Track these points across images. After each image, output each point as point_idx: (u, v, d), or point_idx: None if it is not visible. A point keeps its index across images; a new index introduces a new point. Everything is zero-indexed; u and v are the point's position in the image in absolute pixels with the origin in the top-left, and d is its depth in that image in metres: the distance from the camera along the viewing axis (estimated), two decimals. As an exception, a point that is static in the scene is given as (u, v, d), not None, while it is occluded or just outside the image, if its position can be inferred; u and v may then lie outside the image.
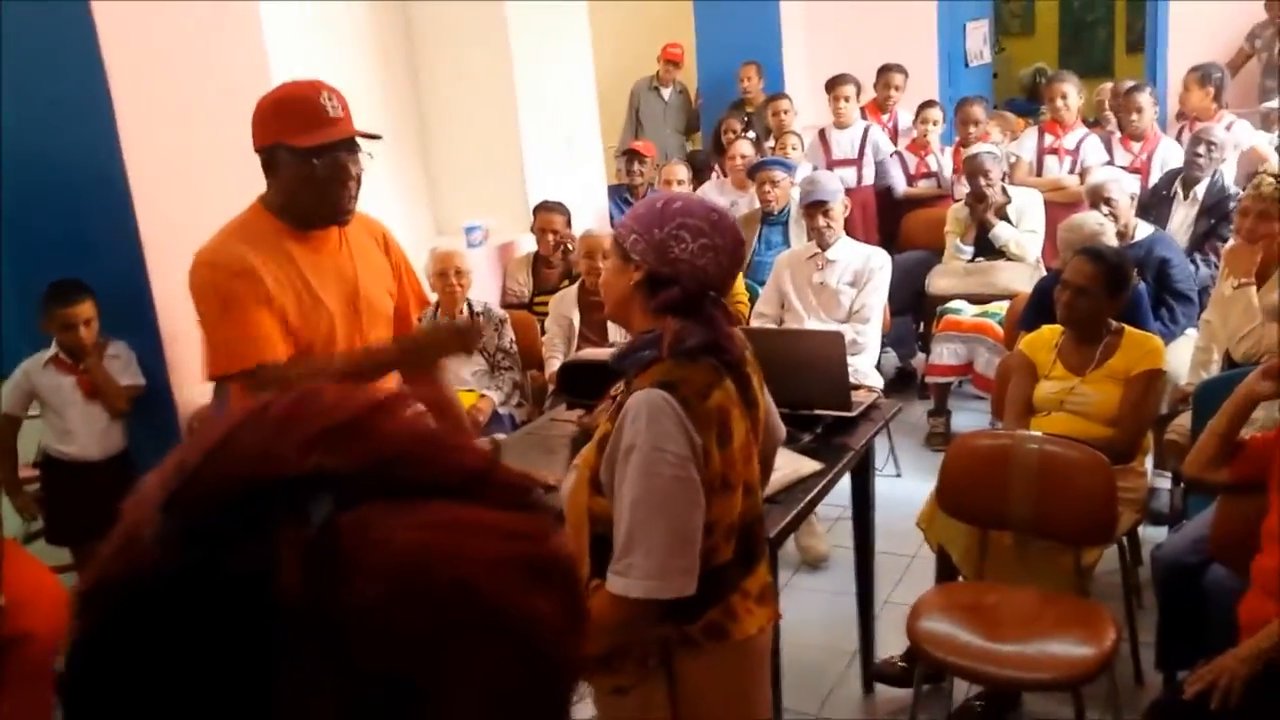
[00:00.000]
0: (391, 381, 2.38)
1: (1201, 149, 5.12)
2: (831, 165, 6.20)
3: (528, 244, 5.31)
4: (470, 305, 4.43)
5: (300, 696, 0.46)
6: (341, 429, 0.52)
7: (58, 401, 3.45)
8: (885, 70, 6.86)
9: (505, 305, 4.97)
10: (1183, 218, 5.16)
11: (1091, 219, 4.29)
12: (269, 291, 2.19)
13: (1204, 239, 5.03)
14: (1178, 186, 5.25)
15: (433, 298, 3.98)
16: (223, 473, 0.50)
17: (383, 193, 4.37)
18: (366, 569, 0.47)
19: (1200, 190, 5.12)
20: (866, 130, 6.40)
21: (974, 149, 5.38)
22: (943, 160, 6.28)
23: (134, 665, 0.48)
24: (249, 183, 2.29)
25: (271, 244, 2.23)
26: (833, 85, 6.44)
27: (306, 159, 2.16)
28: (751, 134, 6.45)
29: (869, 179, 6.34)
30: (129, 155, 3.33)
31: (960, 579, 3.19)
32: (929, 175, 6.31)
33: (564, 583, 0.55)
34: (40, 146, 3.41)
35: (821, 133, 6.50)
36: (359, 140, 2.23)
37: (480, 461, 0.55)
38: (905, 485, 4.37)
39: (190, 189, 3.44)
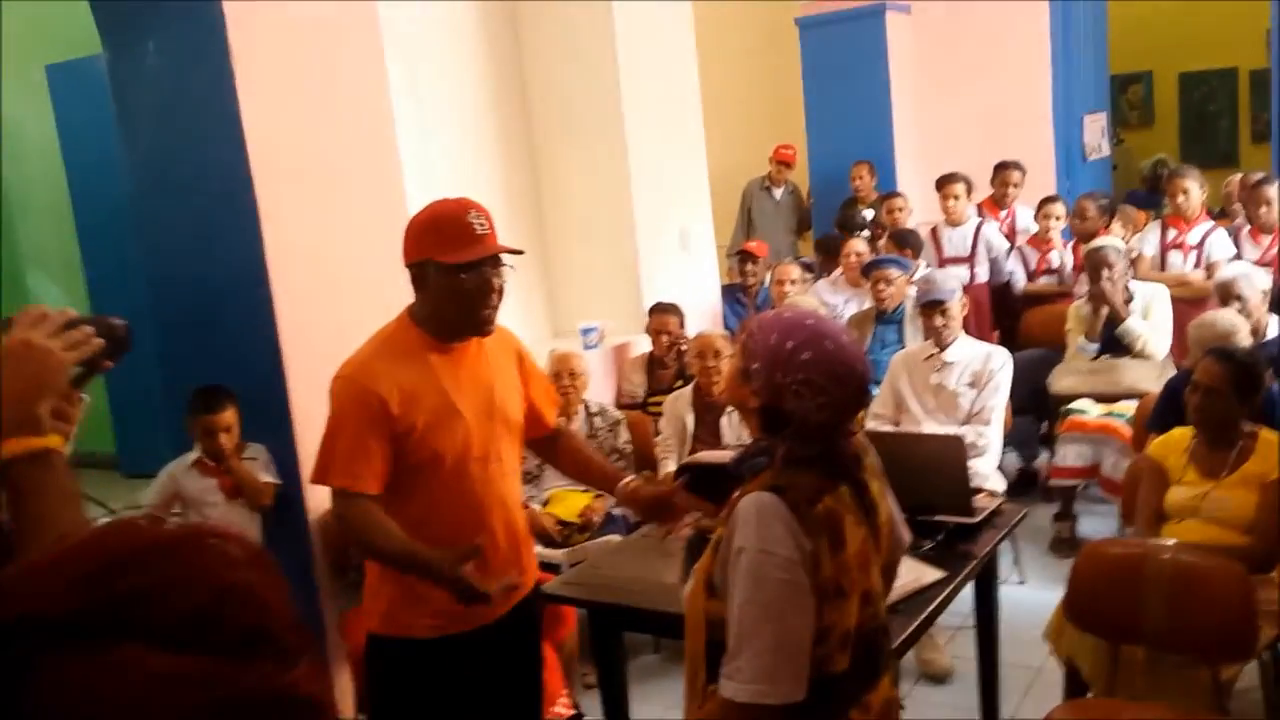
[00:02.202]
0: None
1: (1335, 242, 4.96)
2: (944, 263, 6.18)
3: (643, 344, 5.40)
4: (586, 406, 4.52)
5: None
6: (95, 574, 0.59)
7: (200, 502, 3.62)
8: (1002, 168, 6.84)
9: (620, 405, 5.05)
10: (1317, 313, 4.98)
11: (1224, 317, 4.17)
12: (400, 412, 2.28)
13: (1341, 335, 4.83)
14: (1310, 281, 5.08)
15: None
16: None
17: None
18: (47, 710, 0.54)
19: (1335, 284, 4.94)
20: (979, 227, 6.37)
21: (1097, 242, 5.27)
22: (1065, 256, 6.20)
23: None
24: (384, 291, 2.41)
25: (414, 356, 2.35)
26: (942, 184, 6.46)
27: (455, 274, 2.27)
28: (866, 232, 6.47)
29: (982, 276, 6.29)
30: (272, 265, 3.52)
31: (1090, 694, 3.07)
32: (1051, 271, 6.23)
33: None
34: (191, 258, 3.65)
35: (934, 230, 6.50)
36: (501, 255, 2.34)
37: (212, 603, 0.61)
38: (1030, 593, 4.23)
39: (328, 298, 3.62)
